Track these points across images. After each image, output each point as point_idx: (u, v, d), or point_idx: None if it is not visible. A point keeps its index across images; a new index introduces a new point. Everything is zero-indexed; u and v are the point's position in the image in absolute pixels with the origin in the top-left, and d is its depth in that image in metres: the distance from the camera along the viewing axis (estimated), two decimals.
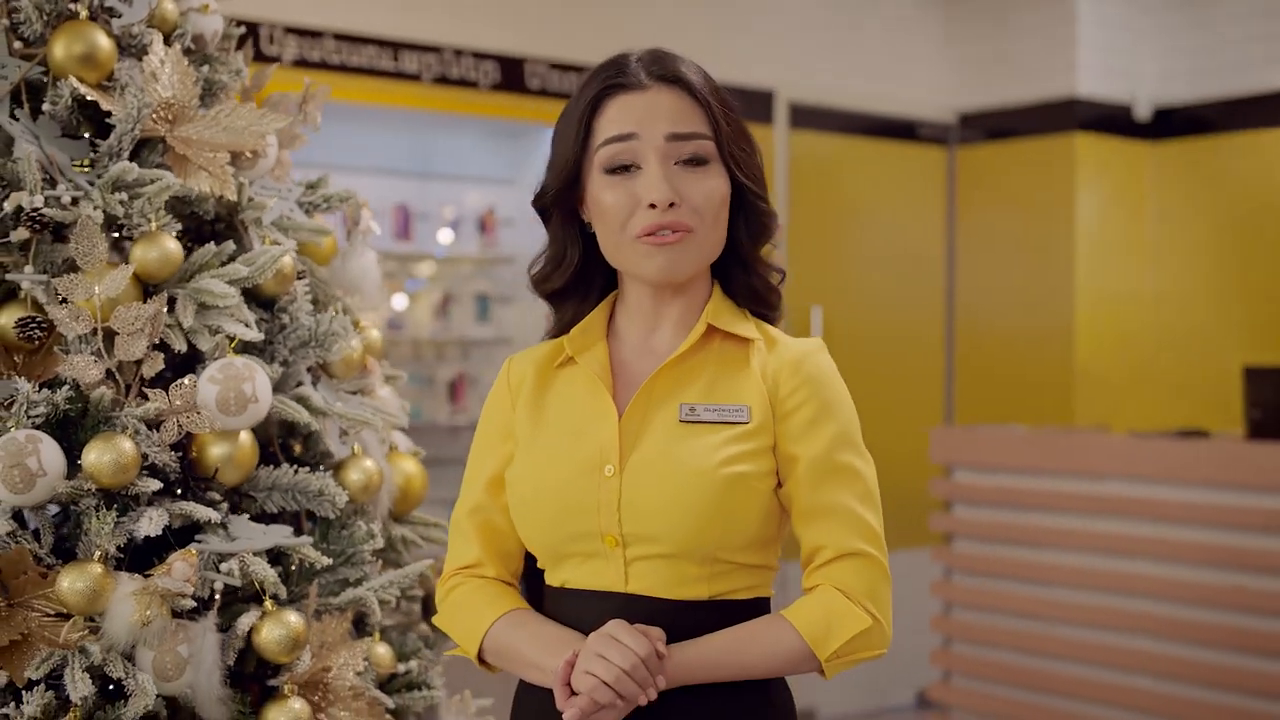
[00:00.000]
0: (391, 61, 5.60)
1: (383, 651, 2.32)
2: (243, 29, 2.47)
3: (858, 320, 6.80)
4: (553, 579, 1.85)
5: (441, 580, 1.93)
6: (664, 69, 1.85)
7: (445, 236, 6.22)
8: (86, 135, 2.25)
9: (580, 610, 1.79)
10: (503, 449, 1.89)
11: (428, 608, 2.49)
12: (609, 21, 6.13)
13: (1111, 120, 6.76)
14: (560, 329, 1.93)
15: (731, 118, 1.86)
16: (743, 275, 1.89)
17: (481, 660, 1.87)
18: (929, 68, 7.14)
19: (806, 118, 6.68)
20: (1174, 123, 6.85)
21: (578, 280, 1.92)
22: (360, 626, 2.33)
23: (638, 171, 1.81)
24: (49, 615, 2.02)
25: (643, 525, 1.75)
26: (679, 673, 1.72)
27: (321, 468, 2.26)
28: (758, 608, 1.81)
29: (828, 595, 1.77)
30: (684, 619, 1.75)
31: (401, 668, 2.36)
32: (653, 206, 1.78)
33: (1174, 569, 4.74)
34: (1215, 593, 4.65)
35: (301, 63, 5.39)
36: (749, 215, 1.87)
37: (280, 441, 2.30)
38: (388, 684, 2.33)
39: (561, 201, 1.88)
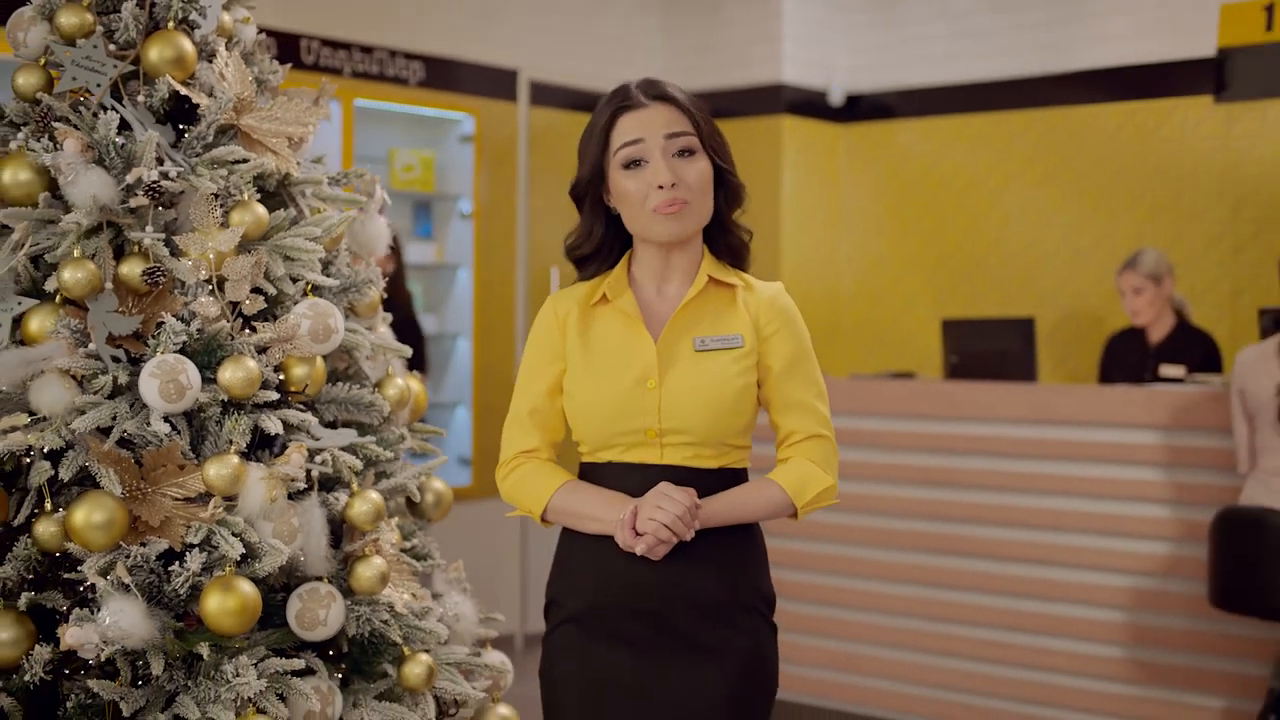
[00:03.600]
0: None
1: (394, 530, 3.01)
2: (262, 35, 3.09)
3: None
4: (598, 459, 2.59)
5: (504, 462, 2.65)
6: (658, 91, 2.62)
7: None
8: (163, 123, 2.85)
9: (625, 478, 2.56)
10: (555, 366, 2.62)
11: (410, 503, 3.18)
12: (376, 3, 6.75)
13: (810, 105, 7.81)
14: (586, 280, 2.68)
15: (708, 121, 2.64)
16: (723, 236, 2.67)
17: (543, 518, 2.61)
18: (651, 53, 8.03)
19: (545, 95, 7.45)
20: (861, 108, 7.96)
21: (599, 248, 2.67)
22: None
23: (646, 165, 2.57)
24: (177, 498, 2.65)
25: (677, 422, 2.53)
26: (707, 518, 2.52)
27: (359, 385, 2.95)
28: (744, 475, 2.62)
29: (801, 464, 2.60)
30: (702, 482, 2.54)
31: (407, 544, 3.05)
32: (661, 188, 2.55)
33: (888, 488, 5.77)
34: (921, 505, 5.70)
35: None
36: (726, 188, 2.65)
37: None
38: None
39: (591, 191, 2.63)
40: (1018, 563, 5.50)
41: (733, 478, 2.60)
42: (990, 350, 5.88)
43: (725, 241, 2.68)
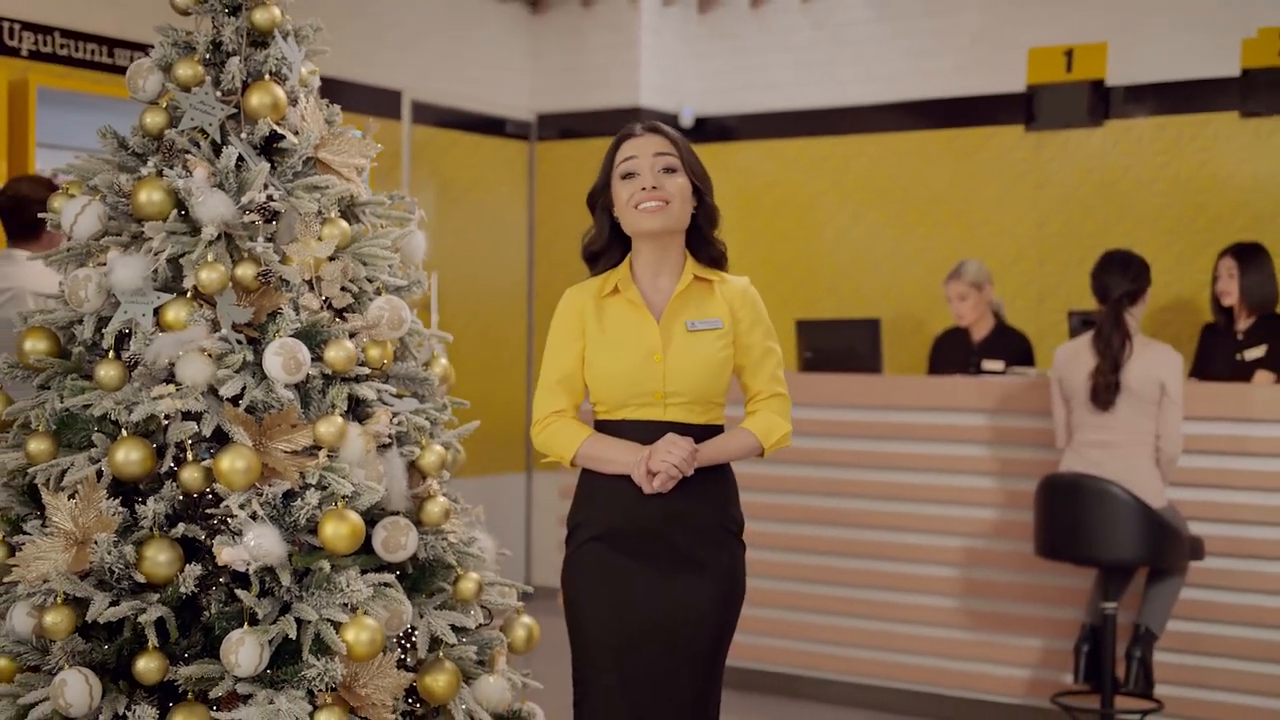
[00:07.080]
0: (108, 57, 6.75)
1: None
2: (318, 79, 3.88)
3: (465, 283, 8.47)
4: (612, 417, 3.46)
5: (538, 420, 3.50)
6: (652, 127, 3.53)
7: None
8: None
9: (635, 430, 3.43)
10: (577, 344, 3.48)
11: None
12: None
13: None
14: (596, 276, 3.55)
15: (690, 153, 3.53)
16: (705, 248, 3.57)
17: (572, 462, 3.47)
18: (520, 76, 8.90)
19: (425, 114, 8.27)
20: (709, 130, 8.93)
21: (606, 246, 3.54)
22: None
23: (638, 177, 3.45)
24: (287, 451, 3.44)
25: (677, 386, 3.41)
26: (701, 459, 3.39)
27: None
28: (722, 428, 3.51)
29: (766, 415, 3.52)
30: (693, 434, 3.42)
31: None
32: (644, 189, 3.42)
33: (751, 467, 6.70)
34: (781, 481, 6.67)
35: (35, 54, 6.47)
36: (706, 210, 3.55)
37: None
38: None
39: (601, 200, 3.51)
40: (867, 529, 6.49)
41: (716, 430, 3.49)
42: (840, 346, 6.87)
43: (707, 253, 3.58)
